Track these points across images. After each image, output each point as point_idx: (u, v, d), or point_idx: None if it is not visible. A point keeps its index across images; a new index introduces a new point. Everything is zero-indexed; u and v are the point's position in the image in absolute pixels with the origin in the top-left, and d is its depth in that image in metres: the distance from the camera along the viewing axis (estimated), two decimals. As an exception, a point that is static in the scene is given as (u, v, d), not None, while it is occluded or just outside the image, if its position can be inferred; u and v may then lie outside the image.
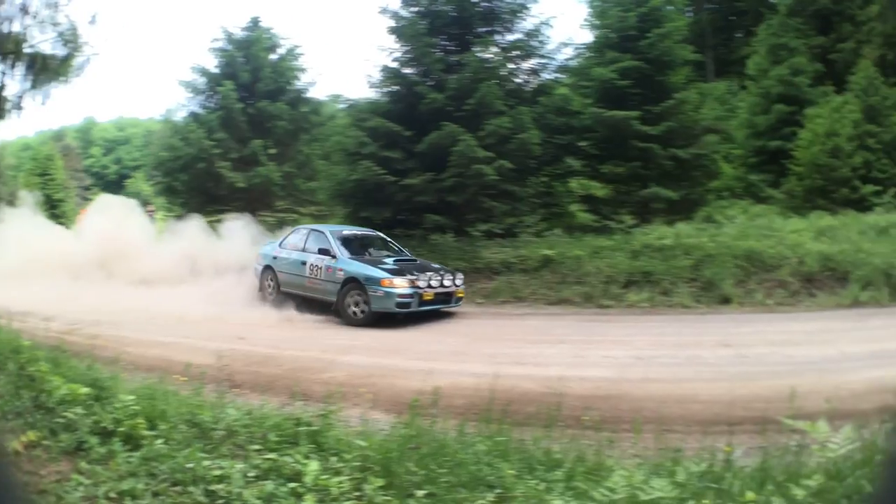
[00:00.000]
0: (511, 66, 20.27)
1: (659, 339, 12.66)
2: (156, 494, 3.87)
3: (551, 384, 8.47)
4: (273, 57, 26.22)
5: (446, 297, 13.77)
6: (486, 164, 17.36)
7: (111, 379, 5.82)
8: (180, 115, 26.89)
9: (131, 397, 5.18)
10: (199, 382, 7.03)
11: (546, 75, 21.06)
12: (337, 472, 4.24)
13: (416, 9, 19.73)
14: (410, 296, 13.13)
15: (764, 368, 10.80)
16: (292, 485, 4.07)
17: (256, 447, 4.63)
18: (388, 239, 16.16)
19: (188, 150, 23.67)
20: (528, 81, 20.92)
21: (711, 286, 14.73)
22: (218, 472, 4.12)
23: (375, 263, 13.94)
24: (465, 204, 18.45)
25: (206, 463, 4.25)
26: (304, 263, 14.85)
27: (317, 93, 30.24)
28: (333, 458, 4.48)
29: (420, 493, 4.14)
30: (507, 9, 19.80)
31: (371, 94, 20.16)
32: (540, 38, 19.95)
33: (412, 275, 13.51)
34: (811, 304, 14.63)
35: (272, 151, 24.61)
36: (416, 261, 14.94)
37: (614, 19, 20.80)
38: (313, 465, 4.25)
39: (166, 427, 4.77)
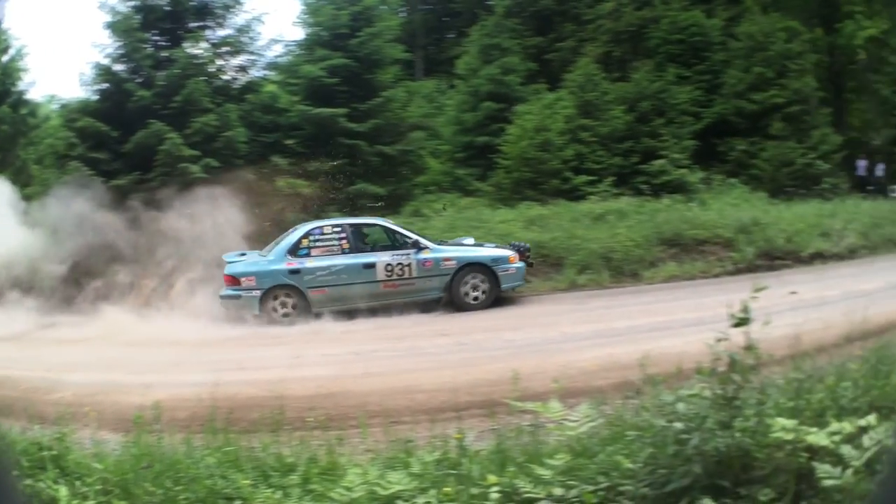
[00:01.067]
0: (220, 62, 30.22)
1: (376, 333, 18.43)
2: None
3: (272, 387, 12.41)
4: (4, 59, 35.07)
5: None
6: (192, 162, 25.77)
7: None
8: None
9: None
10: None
11: (255, 73, 31.54)
12: (84, 497, 6.62)
13: (132, 3, 28.34)
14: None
15: (484, 354, 15.71)
16: (52, 511, 5.87)
17: (15, 474, 6.70)
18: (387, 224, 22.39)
19: None
20: (236, 78, 31.01)
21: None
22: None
23: (475, 246, 21.79)
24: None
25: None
26: (370, 266, 20.38)
27: (36, 94, 40.91)
28: (78, 483, 6.85)
29: (162, 513, 6.24)
30: (220, 4, 29.57)
31: (83, 93, 28.98)
32: (250, 35, 30.28)
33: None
34: (526, 289, 22.53)
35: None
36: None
37: (327, 17, 31.89)
38: (63, 491, 6.59)
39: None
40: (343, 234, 20.92)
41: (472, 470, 6.76)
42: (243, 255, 21.62)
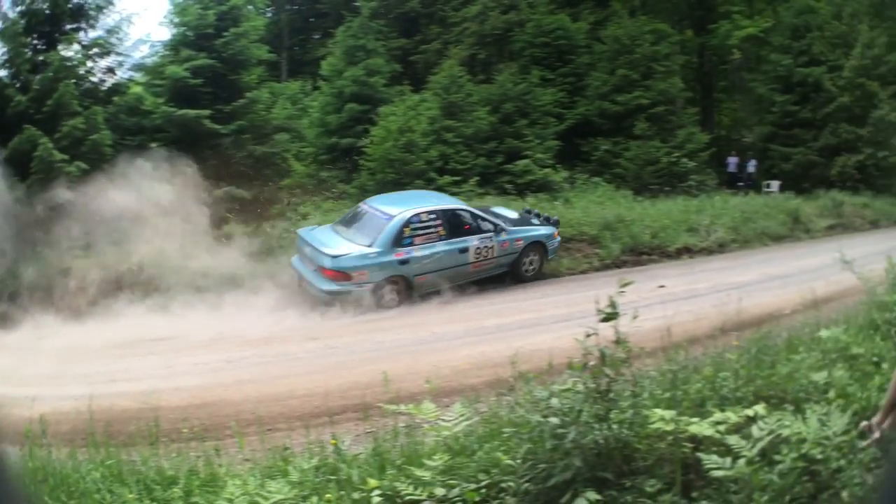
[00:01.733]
0: (90, 64, 29.42)
1: (246, 339, 18.30)
2: None
3: (146, 399, 12.07)
4: None
5: None
6: (64, 166, 25.18)
7: None
8: None
9: None
10: None
11: (122, 74, 30.83)
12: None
13: (20, 8, 27.58)
14: None
15: (355, 356, 15.69)
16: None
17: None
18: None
19: None
20: (103, 80, 30.23)
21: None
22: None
23: (524, 222, 23.67)
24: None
25: None
26: (464, 251, 21.90)
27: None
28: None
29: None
30: (93, 5, 28.89)
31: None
32: (119, 36, 29.57)
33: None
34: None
35: None
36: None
37: (193, 17, 31.11)
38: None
39: None
40: (439, 221, 21.86)
41: (351, 475, 6.86)
42: (313, 229, 22.84)
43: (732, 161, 42.07)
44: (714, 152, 42.01)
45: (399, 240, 21.04)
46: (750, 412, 6.46)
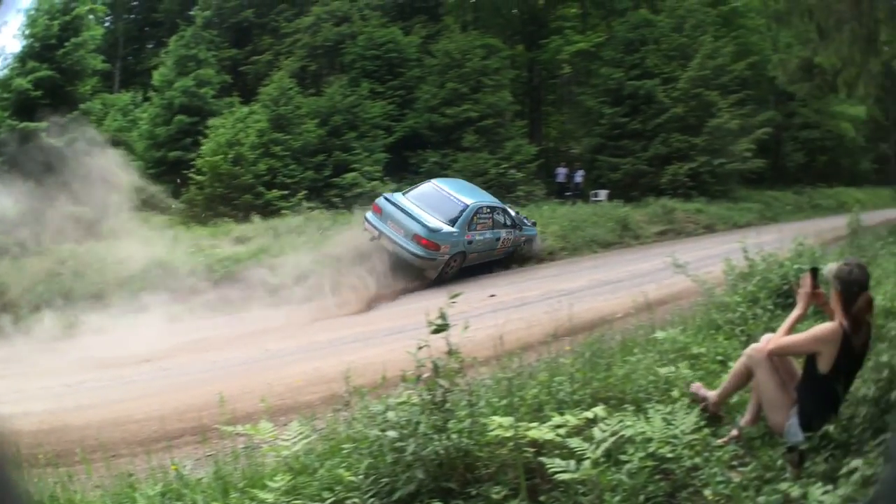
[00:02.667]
0: None
1: (82, 362, 17.49)
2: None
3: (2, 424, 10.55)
4: None
5: None
6: None
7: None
8: None
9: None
10: None
11: None
12: None
13: None
14: None
15: (189, 377, 15.15)
16: None
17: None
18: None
19: None
20: None
21: (132, 300, 21.29)
22: None
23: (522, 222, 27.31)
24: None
25: None
26: (497, 239, 25.59)
27: None
28: None
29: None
30: None
31: None
32: None
33: None
34: (221, 309, 21.47)
35: None
36: None
37: (41, 28, 30.37)
38: None
39: None
40: (490, 214, 25.64)
41: (196, 500, 6.77)
42: (395, 196, 25.29)
43: (561, 171, 42.82)
44: (542, 163, 43.00)
45: (470, 224, 24.60)
46: (590, 414, 6.40)
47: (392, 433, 6.21)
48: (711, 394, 7.34)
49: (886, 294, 11.26)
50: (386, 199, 24.63)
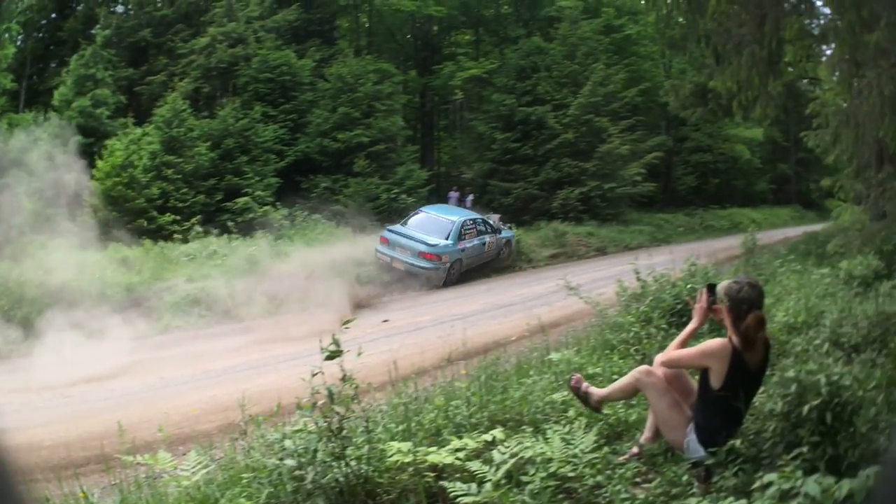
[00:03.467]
0: None
1: None
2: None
3: None
4: None
5: None
6: None
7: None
8: None
9: None
10: None
11: None
12: None
13: None
14: None
15: (90, 406, 15.02)
16: None
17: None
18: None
19: None
20: None
21: (28, 325, 21.02)
22: None
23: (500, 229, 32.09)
24: None
25: None
26: (483, 244, 30.40)
27: None
28: None
29: None
30: None
31: None
32: None
33: None
34: (118, 335, 20.35)
35: None
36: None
37: None
38: None
39: None
40: (473, 226, 30.78)
41: None
42: (398, 228, 30.09)
43: (453, 196, 42.82)
44: (434, 188, 43.69)
45: (460, 236, 29.61)
46: (488, 437, 6.47)
47: (290, 461, 6.14)
48: (595, 391, 7.38)
49: (788, 311, 11.55)
50: (390, 230, 29.45)
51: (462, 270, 29.79)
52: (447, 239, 29.17)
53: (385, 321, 20.30)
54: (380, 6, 50.07)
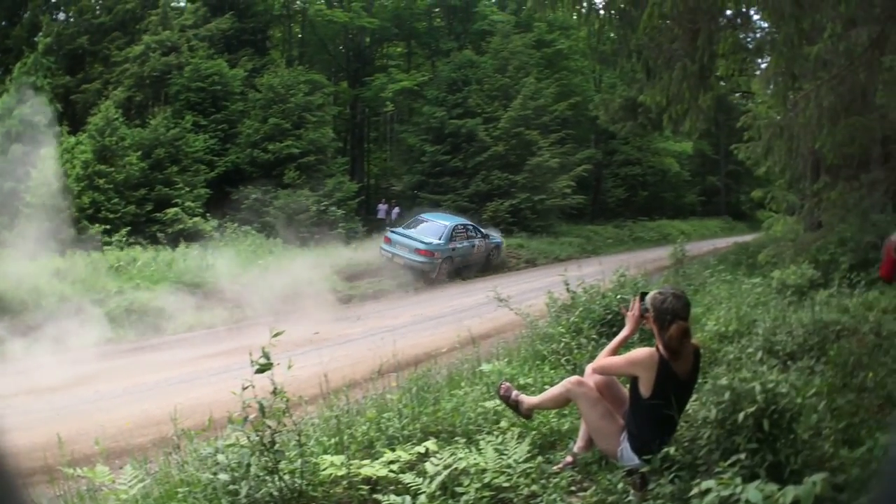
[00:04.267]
0: None
1: None
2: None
3: None
4: None
5: None
6: None
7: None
8: None
9: None
10: None
11: None
12: None
13: None
14: None
15: (30, 417, 14.64)
16: None
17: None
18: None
19: None
20: None
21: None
22: None
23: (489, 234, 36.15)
24: None
25: None
26: (473, 246, 34.17)
27: None
28: None
29: None
30: None
31: None
32: None
33: None
34: (55, 347, 20.46)
35: None
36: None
37: None
38: None
39: None
40: (464, 230, 34.70)
41: None
42: (399, 230, 34.29)
43: (382, 208, 44.16)
44: (363, 200, 44.26)
45: (452, 237, 33.47)
46: (421, 449, 6.51)
47: (224, 476, 6.10)
48: (526, 398, 7.39)
49: (719, 320, 11.71)
50: (392, 231, 33.63)
51: (454, 267, 33.77)
52: (440, 239, 33.04)
53: (316, 333, 20.15)
54: (312, 17, 50.25)
